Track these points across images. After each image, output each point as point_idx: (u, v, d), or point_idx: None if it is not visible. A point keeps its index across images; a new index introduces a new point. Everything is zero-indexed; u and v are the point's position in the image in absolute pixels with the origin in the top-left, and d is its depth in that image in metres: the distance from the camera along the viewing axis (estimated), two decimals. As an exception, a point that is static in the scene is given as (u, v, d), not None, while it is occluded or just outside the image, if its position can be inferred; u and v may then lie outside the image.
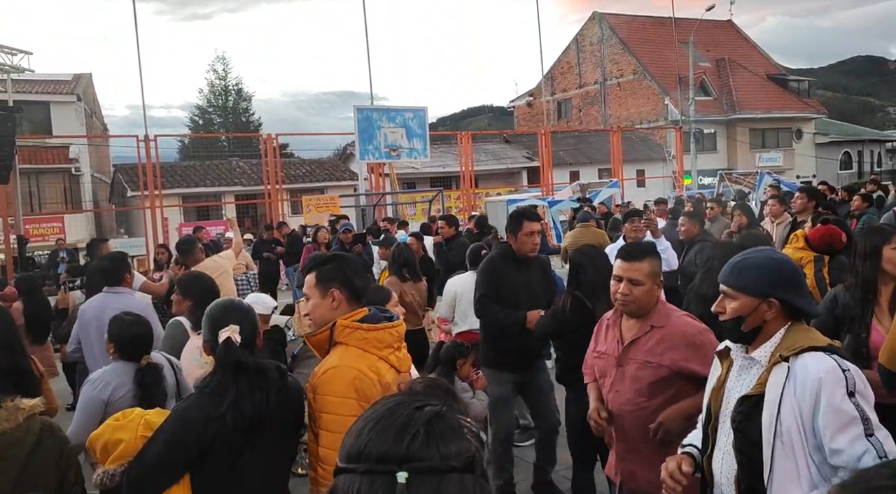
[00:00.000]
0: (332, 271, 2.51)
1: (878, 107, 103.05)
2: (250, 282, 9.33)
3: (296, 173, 28.16)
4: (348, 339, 2.41)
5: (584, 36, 38.72)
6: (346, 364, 2.36)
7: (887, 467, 0.66)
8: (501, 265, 4.47)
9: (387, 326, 2.46)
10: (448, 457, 0.93)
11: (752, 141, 35.12)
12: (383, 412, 0.97)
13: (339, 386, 2.32)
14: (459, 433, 0.96)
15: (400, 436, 0.93)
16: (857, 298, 3.32)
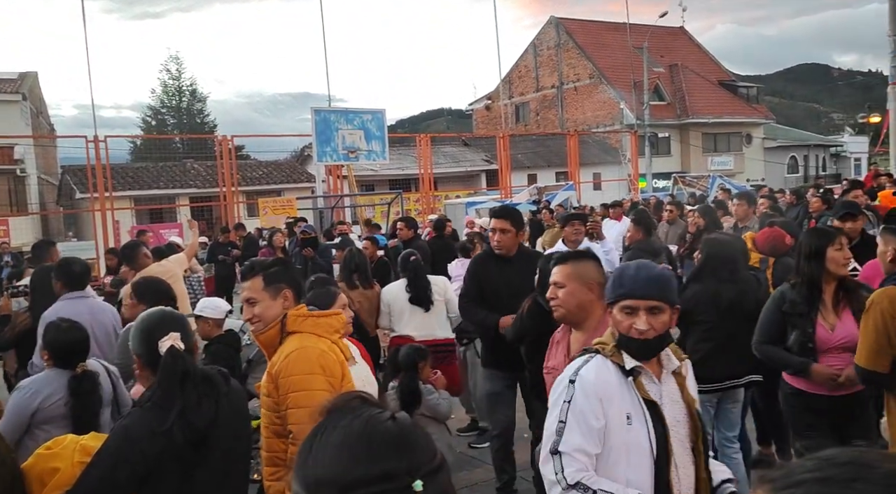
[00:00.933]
0: (281, 273, 2.63)
1: (822, 113, 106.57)
2: (193, 286, 9.11)
3: (252, 175, 27.77)
4: (301, 327, 2.55)
5: (542, 40, 39.12)
6: (306, 345, 2.49)
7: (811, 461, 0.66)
8: (484, 264, 4.49)
9: (333, 312, 2.70)
10: (437, 454, 0.97)
11: (704, 145, 35.93)
12: (361, 431, 0.95)
13: (304, 365, 2.44)
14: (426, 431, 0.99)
15: (402, 450, 0.93)
16: (803, 296, 3.43)
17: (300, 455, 0.97)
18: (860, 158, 43.21)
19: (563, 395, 2.08)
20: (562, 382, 2.12)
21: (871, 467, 0.62)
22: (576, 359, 2.18)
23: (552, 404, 2.12)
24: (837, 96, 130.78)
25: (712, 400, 4.04)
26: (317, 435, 0.97)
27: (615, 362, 2.09)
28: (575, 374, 2.09)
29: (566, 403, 2.06)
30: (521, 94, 40.35)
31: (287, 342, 2.53)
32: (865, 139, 43.01)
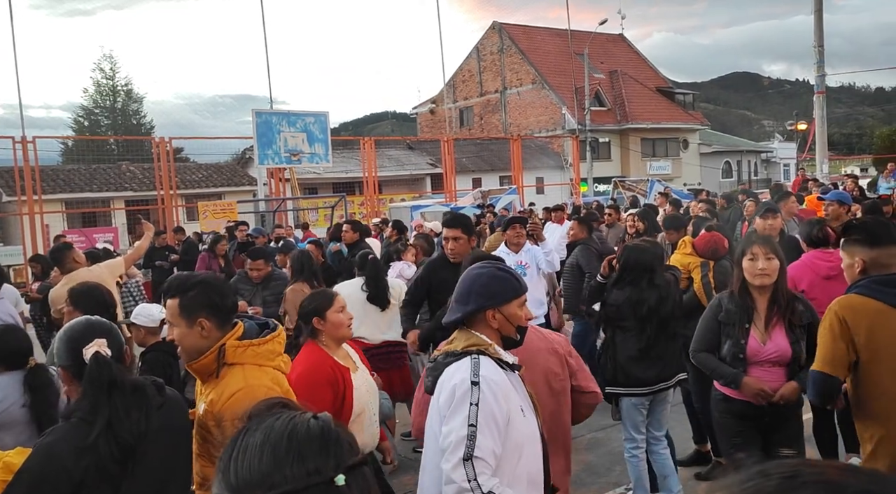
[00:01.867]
0: (197, 299, 2.32)
1: (754, 120, 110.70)
2: (132, 292, 8.81)
3: (191, 178, 27.10)
4: (242, 358, 2.32)
5: (485, 45, 39.45)
6: (251, 384, 2.28)
7: (774, 479, 0.64)
8: (436, 270, 4.53)
9: (273, 337, 2.43)
10: (360, 451, 0.97)
11: (643, 150, 36.84)
12: (283, 431, 0.95)
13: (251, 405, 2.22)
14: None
15: (325, 448, 0.93)
16: (737, 304, 3.42)
17: (222, 460, 0.96)
18: (789, 164, 45.07)
19: (468, 397, 2.07)
20: (460, 385, 2.11)
21: (844, 487, 0.60)
22: (454, 362, 2.20)
23: (452, 408, 2.10)
24: (768, 104, 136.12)
25: (644, 403, 4.12)
26: (239, 438, 0.96)
27: (497, 359, 2.21)
28: (476, 376, 2.11)
29: (473, 406, 2.06)
30: (465, 99, 40.59)
31: (229, 376, 2.31)
32: (794, 145, 44.90)
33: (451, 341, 2.32)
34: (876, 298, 2.66)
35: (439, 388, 2.21)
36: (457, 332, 2.33)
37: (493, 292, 2.30)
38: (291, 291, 5.65)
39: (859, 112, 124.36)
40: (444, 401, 2.14)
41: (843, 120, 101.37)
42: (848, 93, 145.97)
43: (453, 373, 2.17)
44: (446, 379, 2.18)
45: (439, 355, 2.30)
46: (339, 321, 3.24)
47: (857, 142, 66.78)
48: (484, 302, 2.28)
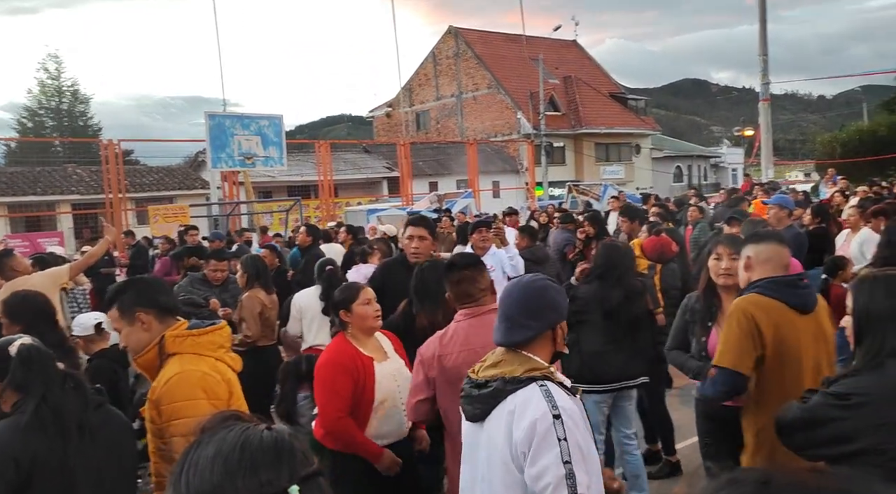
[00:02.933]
0: (132, 297, 2.48)
1: (703, 125, 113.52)
2: (77, 300, 8.54)
3: (142, 181, 26.49)
4: (181, 347, 2.43)
5: (441, 49, 39.56)
6: (186, 368, 2.38)
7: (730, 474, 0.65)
8: (392, 272, 4.46)
9: (215, 328, 2.53)
10: (314, 461, 0.97)
11: (597, 154, 37.40)
12: (236, 442, 0.94)
13: (185, 390, 2.33)
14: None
15: (279, 459, 0.93)
16: (700, 304, 3.51)
17: (174, 473, 0.95)
18: (736, 168, 46.29)
19: (552, 433, 1.92)
20: (542, 420, 1.93)
21: (818, 491, 0.60)
22: (518, 390, 2.03)
23: (536, 445, 1.93)
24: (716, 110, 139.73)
25: (607, 401, 4.19)
26: (191, 451, 0.96)
27: (560, 385, 2.07)
28: (555, 408, 1.96)
29: (563, 441, 1.92)
30: (422, 102, 40.62)
31: (167, 365, 2.41)
32: (741, 150, 46.17)
33: (496, 364, 2.12)
34: (777, 298, 2.76)
35: (505, 420, 2.01)
36: (503, 354, 2.13)
37: (561, 306, 2.19)
38: (248, 298, 5.55)
39: (802, 119, 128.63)
40: (524, 438, 1.95)
41: (787, 126, 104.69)
42: (792, 100, 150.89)
43: (525, 405, 1.98)
44: (517, 410, 1.99)
45: (491, 381, 2.07)
46: (364, 313, 3.31)
47: (801, 147, 69.07)
48: (556, 317, 2.16)
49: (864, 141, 28.50)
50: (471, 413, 2.13)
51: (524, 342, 2.11)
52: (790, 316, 2.75)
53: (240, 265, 5.84)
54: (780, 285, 2.78)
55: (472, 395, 2.12)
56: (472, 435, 2.16)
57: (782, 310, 2.75)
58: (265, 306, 5.57)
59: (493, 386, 2.05)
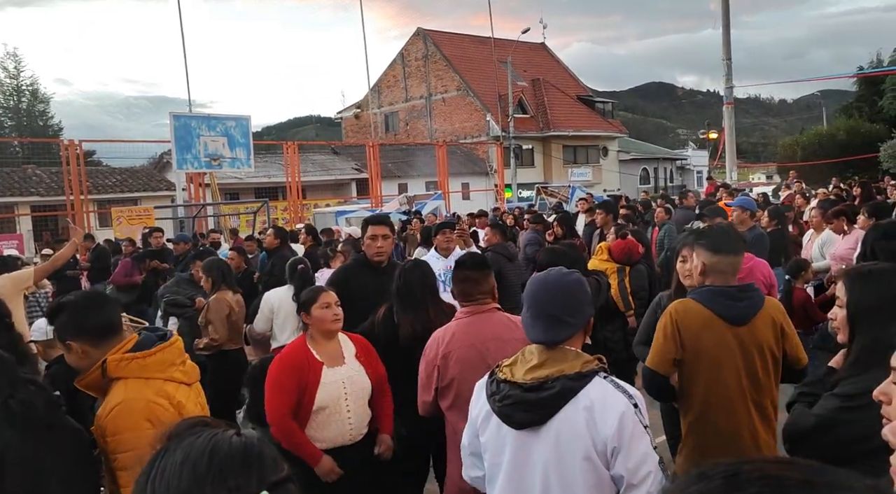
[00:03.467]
0: (61, 326, 2.36)
1: (669, 128, 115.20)
2: (41, 303, 8.35)
3: (105, 183, 25.96)
4: (125, 372, 2.30)
5: (410, 51, 39.53)
6: (130, 397, 2.26)
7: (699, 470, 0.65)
8: (354, 272, 4.39)
9: (162, 347, 2.38)
10: (285, 467, 0.96)
11: (565, 157, 37.71)
12: (204, 449, 0.93)
13: (129, 420, 2.22)
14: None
15: (249, 465, 0.92)
16: (670, 302, 3.55)
17: (139, 483, 0.93)
18: (702, 171, 47.02)
19: (638, 422, 1.92)
20: (627, 412, 1.92)
21: (786, 481, 0.60)
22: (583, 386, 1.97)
23: (628, 438, 1.91)
24: (682, 113, 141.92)
25: None
26: (157, 459, 0.94)
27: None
28: (631, 398, 1.95)
29: (647, 428, 1.94)
30: (391, 104, 40.54)
31: (112, 390, 2.29)
32: (706, 153, 46.93)
33: (542, 364, 2.02)
34: (707, 306, 2.83)
35: (584, 417, 1.94)
36: (544, 352, 2.05)
37: (591, 300, 2.18)
38: (215, 300, 5.47)
39: (764, 122, 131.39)
40: (615, 432, 1.90)
41: (750, 129, 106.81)
42: (754, 104, 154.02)
43: (604, 399, 1.94)
44: (594, 405, 1.93)
45: (550, 381, 1.98)
46: (322, 316, 3.34)
47: (763, 150, 70.50)
48: (591, 311, 2.15)
49: (824, 144, 29.24)
50: (526, 419, 1.99)
51: (567, 339, 2.06)
52: (717, 327, 2.80)
53: (202, 270, 5.74)
54: (715, 295, 2.84)
55: (527, 401, 1.98)
56: (523, 444, 2.02)
57: (710, 320, 2.81)
58: (232, 309, 5.50)
59: (557, 386, 1.96)
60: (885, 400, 1.41)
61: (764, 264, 4.58)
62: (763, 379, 2.80)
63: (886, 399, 1.40)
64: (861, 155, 25.96)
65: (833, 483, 0.60)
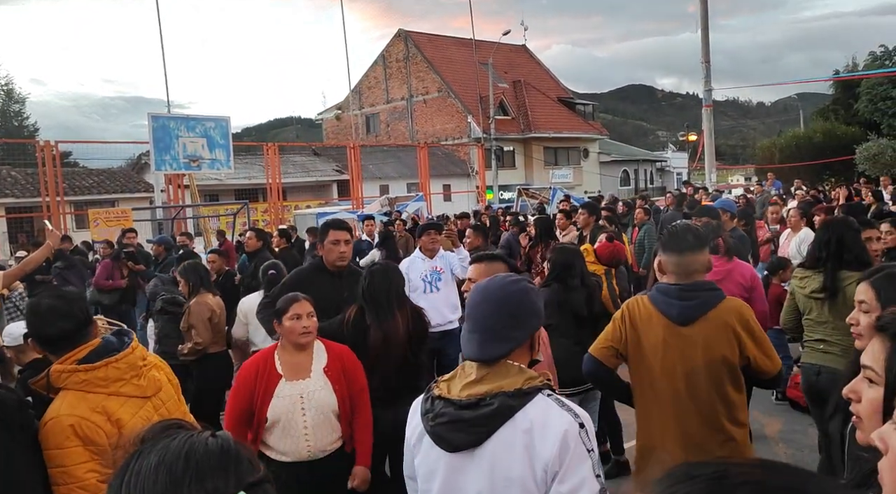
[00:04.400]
0: (27, 325, 2.45)
1: (649, 130, 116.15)
2: (17, 305, 8.21)
3: (81, 184, 25.61)
4: (67, 383, 2.28)
5: (391, 52, 39.47)
6: (63, 413, 2.22)
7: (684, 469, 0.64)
8: (310, 275, 4.33)
9: (109, 362, 2.32)
10: (261, 468, 0.95)
11: (546, 158, 37.86)
12: (179, 451, 0.91)
13: (57, 438, 2.19)
14: None
15: (225, 467, 0.91)
16: None
17: (112, 486, 0.91)
18: (681, 173, 47.44)
19: (582, 444, 1.71)
20: (571, 431, 1.70)
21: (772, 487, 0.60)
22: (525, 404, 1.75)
23: (570, 460, 1.69)
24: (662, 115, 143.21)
25: (574, 401, 4.21)
26: (131, 462, 0.92)
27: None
28: (577, 417, 1.74)
29: (591, 452, 1.72)
30: (372, 105, 40.45)
31: (54, 401, 2.29)
32: (685, 155, 47.36)
33: (481, 380, 1.80)
34: (652, 303, 2.86)
35: (521, 439, 1.72)
36: (483, 368, 1.81)
37: (541, 310, 1.92)
38: (196, 304, 5.40)
39: (743, 125, 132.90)
40: (556, 455, 1.69)
41: (728, 132, 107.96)
42: (733, 106, 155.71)
43: (545, 419, 1.72)
44: (534, 426, 1.71)
45: (488, 399, 1.75)
46: (290, 327, 3.27)
47: (742, 152, 71.25)
48: (537, 323, 1.90)
49: (801, 146, 29.61)
50: (460, 440, 1.76)
51: (505, 356, 1.81)
52: (658, 324, 2.81)
53: (178, 274, 5.65)
54: (660, 293, 2.87)
55: (461, 419, 1.76)
56: (456, 468, 1.79)
57: (653, 317, 2.84)
58: (214, 311, 5.44)
59: (495, 403, 1.73)
60: (854, 397, 1.37)
61: (746, 267, 4.56)
62: (705, 381, 2.75)
63: (856, 397, 1.36)
64: (837, 157, 26.35)
65: (815, 491, 0.60)
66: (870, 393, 1.33)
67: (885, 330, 1.30)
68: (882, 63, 25.95)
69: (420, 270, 5.90)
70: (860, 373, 1.36)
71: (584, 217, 8.02)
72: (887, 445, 1.01)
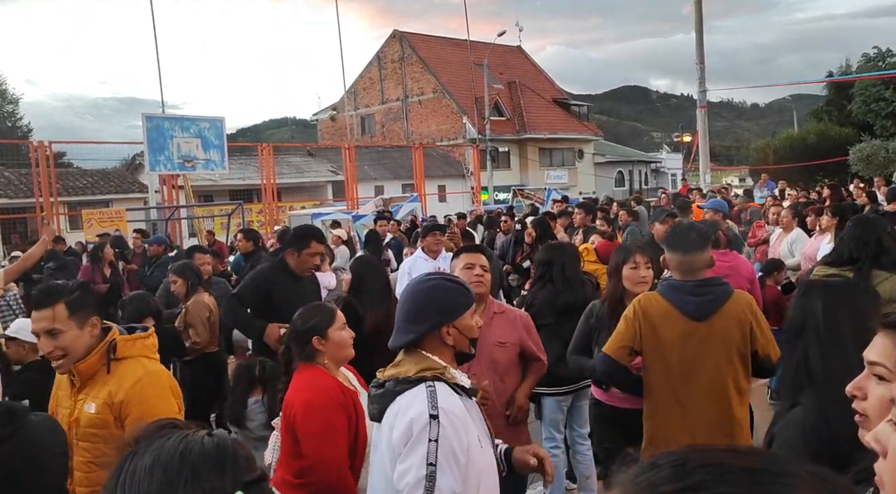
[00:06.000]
0: (85, 298, 2.44)
1: (644, 131, 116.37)
2: (11, 305, 8.17)
3: (75, 185, 25.53)
4: (132, 351, 2.45)
5: (386, 53, 39.46)
6: (152, 370, 2.45)
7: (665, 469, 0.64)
8: (273, 276, 4.37)
9: (151, 332, 2.60)
10: (258, 467, 0.94)
11: (541, 159, 37.89)
12: (175, 451, 0.91)
13: (158, 389, 2.40)
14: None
15: (222, 466, 0.90)
16: (605, 311, 3.58)
17: (107, 488, 0.90)
18: (676, 174, 47.52)
19: (426, 433, 1.86)
20: (417, 420, 1.88)
21: (730, 467, 0.61)
22: (407, 390, 1.97)
23: (409, 445, 1.88)
24: (656, 116, 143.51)
25: (567, 400, 4.22)
26: (126, 462, 0.91)
27: (453, 384, 2.01)
28: (434, 408, 1.89)
29: (433, 442, 1.86)
30: (367, 106, 40.42)
31: (122, 368, 2.39)
32: (680, 156, 47.48)
33: (397, 364, 2.07)
34: (667, 298, 2.90)
35: (390, 420, 1.97)
36: (403, 354, 2.08)
37: (450, 307, 2.08)
38: (194, 304, 5.35)
39: (737, 126, 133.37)
40: (400, 437, 1.91)
41: (723, 133, 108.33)
42: (727, 107, 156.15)
43: (409, 405, 1.93)
44: (400, 410, 1.94)
45: (387, 381, 2.03)
46: (342, 339, 2.78)
47: (736, 153, 71.38)
48: (442, 318, 2.06)
49: (795, 148, 29.68)
50: (371, 412, 2.11)
51: (408, 345, 2.07)
52: (676, 320, 2.85)
53: (174, 274, 5.61)
54: (674, 289, 2.91)
55: (371, 395, 2.10)
56: (377, 438, 2.13)
57: (669, 312, 2.87)
58: (211, 310, 5.42)
59: (386, 387, 2.03)
60: (859, 394, 1.35)
61: (746, 262, 4.75)
62: (723, 371, 2.84)
63: (861, 394, 1.35)
64: (831, 158, 26.44)
65: (775, 470, 0.61)
66: (879, 390, 1.30)
67: (894, 326, 1.27)
68: (875, 64, 26.05)
69: (423, 271, 5.92)
70: (865, 370, 1.33)
71: (580, 217, 8.09)
72: (885, 447, 0.98)
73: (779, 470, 0.61)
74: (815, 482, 0.61)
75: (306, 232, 4.58)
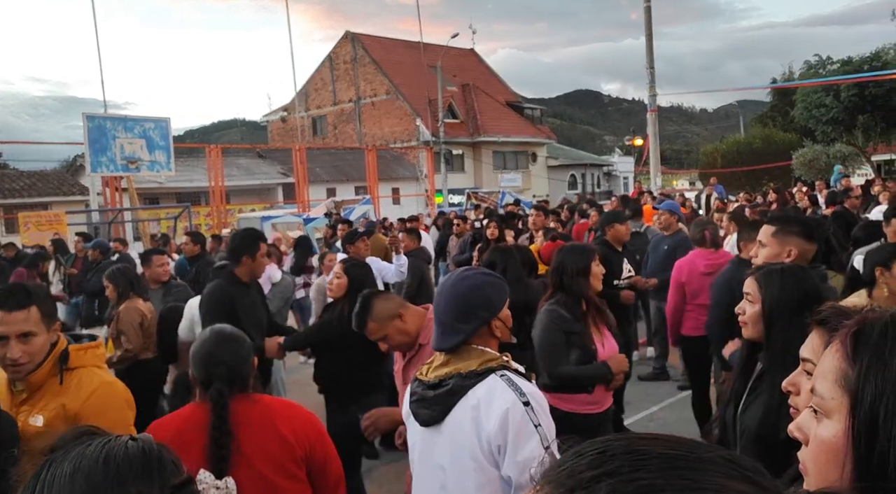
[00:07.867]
0: (53, 304, 2.40)
1: (597, 135, 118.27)
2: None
3: (11, 187, 24.58)
4: (84, 360, 2.36)
5: (338, 54, 39.11)
6: (106, 381, 2.39)
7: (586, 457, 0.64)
8: (234, 291, 4.24)
9: (100, 343, 2.51)
10: (184, 470, 0.92)
11: (495, 162, 38.03)
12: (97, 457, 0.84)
13: (115, 400, 2.34)
14: None
15: (148, 470, 0.87)
16: (574, 314, 3.49)
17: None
18: (628, 176, 48.34)
19: (528, 420, 1.88)
20: (513, 409, 1.88)
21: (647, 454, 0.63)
22: (477, 383, 1.96)
23: (514, 436, 1.87)
24: (608, 120, 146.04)
25: None
26: (41, 472, 0.84)
27: (516, 372, 2.03)
28: (523, 395, 1.91)
29: (539, 427, 1.88)
30: (318, 107, 39.98)
31: (77, 378, 2.31)
32: (632, 159, 48.26)
33: (446, 363, 2.05)
34: None
35: (468, 414, 1.93)
36: (449, 353, 2.07)
37: (495, 301, 2.10)
38: (125, 309, 5.12)
39: (687, 130, 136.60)
40: (497, 430, 1.89)
41: (673, 137, 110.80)
42: (677, 112, 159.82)
43: (490, 396, 1.93)
44: (480, 402, 1.92)
45: (446, 380, 2.00)
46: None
47: (686, 157, 73.13)
48: (489, 314, 2.07)
49: (742, 152, 30.49)
50: (427, 416, 2.04)
51: (459, 345, 2.04)
52: None
53: (106, 279, 5.37)
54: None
55: (426, 398, 2.04)
56: (428, 441, 2.07)
57: None
58: (144, 316, 5.18)
59: (450, 384, 1.99)
60: (793, 390, 1.41)
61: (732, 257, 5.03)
62: None
63: (795, 390, 1.40)
64: (776, 163, 27.17)
65: (691, 456, 0.63)
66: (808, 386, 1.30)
67: (824, 324, 1.31)
68: (816, 71, 26.83)
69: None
70: (799, 366, 1.39)
71: (539, 219, 8.13)
72: (806, 435, 1.00)
73: (695, 456, 0.63)
74: (729, 467, 0.62)
75: (251, 234, 4.52)
